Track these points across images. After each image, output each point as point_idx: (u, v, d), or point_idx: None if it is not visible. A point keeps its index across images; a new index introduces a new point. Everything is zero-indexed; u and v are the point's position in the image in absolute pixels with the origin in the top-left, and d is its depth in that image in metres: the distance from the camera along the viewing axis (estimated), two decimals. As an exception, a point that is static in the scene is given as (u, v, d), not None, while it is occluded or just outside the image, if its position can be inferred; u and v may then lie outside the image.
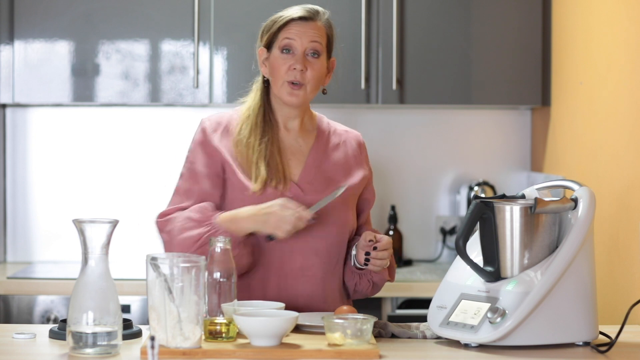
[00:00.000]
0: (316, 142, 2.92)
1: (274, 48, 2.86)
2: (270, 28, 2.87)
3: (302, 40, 2.83)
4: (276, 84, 2.86)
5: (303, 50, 2.83)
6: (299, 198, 2.82)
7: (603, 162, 3.52)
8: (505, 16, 4.26)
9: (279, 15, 2.87)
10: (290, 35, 2.84)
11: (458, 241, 2.55)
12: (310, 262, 2.84)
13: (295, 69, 2.82)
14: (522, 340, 2.50)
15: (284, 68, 2.83)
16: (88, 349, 2.38)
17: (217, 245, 2.64)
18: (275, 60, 2.85)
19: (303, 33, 2.83)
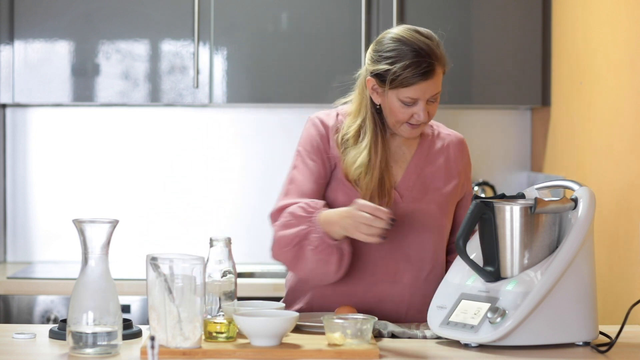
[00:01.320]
0: (419, 148, 2.90)
1: (391, 94, 2.76)
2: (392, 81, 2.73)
3: (424, 96, 2.76)
4: (393, 124, 2.80)
5: (425, 101, 2.77)
6: (397, 205, 2.81)
7: (603, 162, 3.52)
8: (505, 16, 4.26)
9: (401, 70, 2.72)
10: (413, 95, 2.74)
11: (458, 241, 2.56)
12: (401, 267, 2.83)
13: (419, 120, 2.77)
14: (522, 340, 2.50)
15: (404, 116, 2.77)
16: (88, 349, 2.38)
17: (217, 245, 2.64)
18: (394, 107, 2.77)
19: (425, 90, 2.75)
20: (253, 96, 4.26)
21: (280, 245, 2.75)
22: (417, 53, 2.73)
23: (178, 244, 4.45)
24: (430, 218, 2.85)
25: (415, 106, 2.77)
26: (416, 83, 2.74)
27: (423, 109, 2.77)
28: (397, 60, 2.74)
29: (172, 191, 4.52)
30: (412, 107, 2.77)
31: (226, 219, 4.50)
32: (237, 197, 4.51)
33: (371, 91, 2.81)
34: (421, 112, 2.77)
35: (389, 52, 2.76)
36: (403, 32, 2.78)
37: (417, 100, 2.76)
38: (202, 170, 4.53)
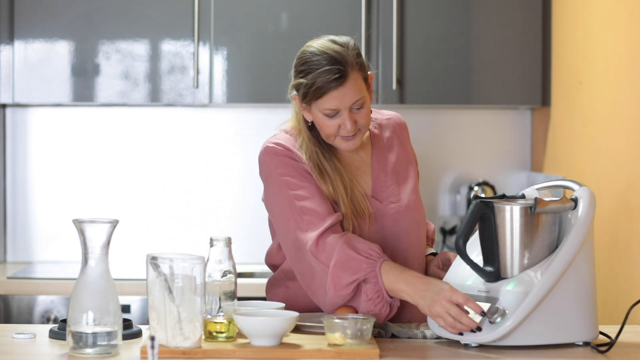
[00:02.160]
0: (374, 148, 2.87)
1: (313, 107, 2.71)
2: (306, 95, 2.68)
3: (344, 105, 2.68)
4: (326, 138, 2.74)
5: (348, 109, 2.69)
6: (381, 211, 2.79)
7: (603, 162, 3.52)
8: (505, 16, 4.26)
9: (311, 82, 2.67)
10: (331, 105, 2.67)
11: (458, 241, 2.55)
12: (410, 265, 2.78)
13: (347, 130, 2.69)
14: (522, 340, 2.50)
15: (331, 129, 2.70)
16: (88, 349, 2.38)
17: (217, 245, 2.64)
18: (320, 121, 2.71)
19: (343, 97, 2.67)
20: (253, 96, 4.26)
21: (337, 288, 2.63)
22: (327, 62, 2.67)
23: (178, 244, 4.45)
24: (412, 212, 2.84)
25: (339, 117, 2.69)
26: (329, 91, 2.66)
27: (348, 118, 2.68)
28: (308, 72, 2.68)
29: (172, 191, 4.52)
30: (335, 118, 2.69)
31: (226, 219, 4.50)
32: (237, 197, 4.51)
33: (301, 108, 2.75)
34: (347, 122, 2.68)
35: (302, 65, 2.70)
36: (318, 43, 2.72)
37: (337, 110, 2.68)
38: (202, 170, 4.53)
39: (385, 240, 2.78)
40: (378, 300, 2.63)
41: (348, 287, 2.63)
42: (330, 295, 2.65)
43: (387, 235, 2.79)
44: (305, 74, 2.69)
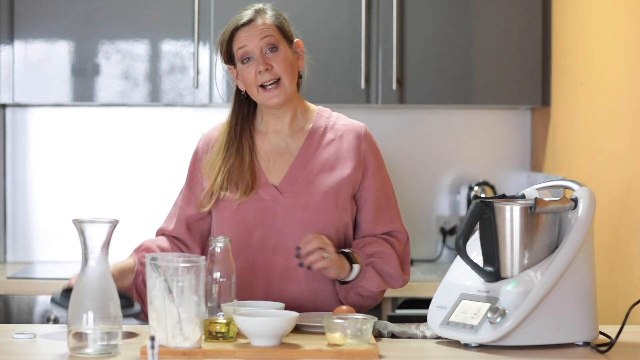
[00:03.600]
0: (307, 141, 2.88)
1: (237, 62, 2.87)
2: (222, 44, 2.88)
3: (253, 42, 2.82)
4: (254, 94, 2.85)
5: (259, 51, 2.82)
6: (276, 200, 2.81)
7: (603, 162, 3.52)
8: (505, 16, 4.26)
9: (225, 30, 2.88)
10: (240, 43, 2.84)
11: (458, 241, 2.55)
12: (292, 264, 2.80)
13: (260, 72, 2.81)
14: (522, 340, 2.50)
15: (251, 76, 2.82)
16: (88, 349, 2.38)
17: (217, 245, 2.64)
18: (242, 73, 2.85)
19: (251, 35, 2.82)
20: (253, 96, 4.25)
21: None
22: (240, 12, 2.89)
23: (178, 244, 4.44)
24: (312, 211, 2.81)
25: (254, 62, 2.82)
26: (238, 31, 2.84)
27: (259, 59, 2.80)
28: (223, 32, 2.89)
29: (172, 191, 4.51)
30: (251, 64, 2.82)
31: (226, 219, 4.50)
32: (237, 197, 4.51)
33: (236, 80, 2.91)
34: (259, 63, 2.80)
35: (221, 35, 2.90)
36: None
37: (249, 51, 2.82)
38: (202, 170, 4.52)
39: (272, 231, 2.81)
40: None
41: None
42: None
43: (276, 226, 2.81)
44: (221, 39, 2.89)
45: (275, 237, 2.81)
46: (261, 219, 2.82)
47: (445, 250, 4.54)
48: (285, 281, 2.82)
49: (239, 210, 2.82)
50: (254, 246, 2.82)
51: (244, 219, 2.82)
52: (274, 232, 2.82)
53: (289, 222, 2.81)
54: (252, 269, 2.82)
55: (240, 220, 2.82)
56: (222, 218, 2.84)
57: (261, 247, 2.82)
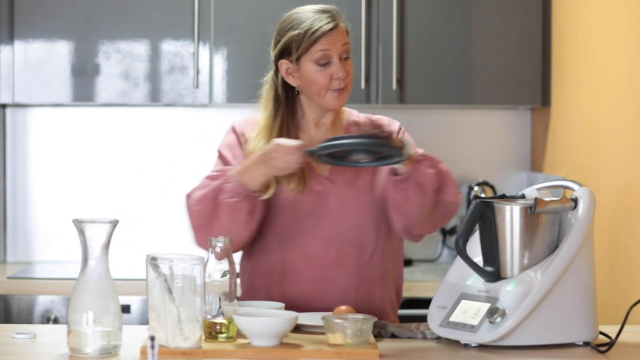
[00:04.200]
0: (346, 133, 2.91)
1: (306, 61, 2.81)
2: (300, 43, 2.80)
3: (335, 47, 2.81)
4: (317, 94, 2.82)
5: (339, 56, 2.81)
6: (329, 190, 2.84)
7: (603, 162, 3.52)
8: (505, 16, 4.26)
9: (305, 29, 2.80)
10: (324, 47, 2.80)
11: (458, 241, 2.55)
12: (344, 252, 2.84)
13: (338, 78, 2.80)
14: (522, 340, 2.50)
15: (324, 80, 2.80)
16: (88, 349, 2.38)
17: (217, 245, 2.64)
18: (312, 74, 2.81)
19: (335, 40, 2.81)
20: (253, 96, 4.24)
21: (197, 202, 2.78)
22: (315, 12, 2.83)
23: (178, 244, 4.45)
24: (366, 194, 2.85)
25: (331, 65, 2.80)
26: (324, 34, 2.80)
27: (339, 65, 2.80)
28: (299, 23, 2.82)
29: (172, 191, 4.52)
30: (328, 67, 2.80)
31: (226, 219, 4.50)
32: (237, 197, 4.51)
33: (287, 76, 2.86)
34: (339, 68, 2.80)
35: (290, 22, 2.84)
36: (296, 8, 2.87)
37: (330, 55, 2.80)
38: (202, 170, 4.52)
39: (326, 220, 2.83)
40: (236, 192, 2.74)
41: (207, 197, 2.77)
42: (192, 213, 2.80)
43: (331, 214, 2.83)
44: (295, 27, 2.82)
45: (328, 227, 2.83)
46: (314, 209, 2.84)
47: (445, 250, 4.54)
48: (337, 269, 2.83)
49: (292, 200, 2.83)
50: (306, 235, 2.83)
51: (297, 208, 2.84)
52: (328, 222, 2.84)
53: (345, 211, 2.83)
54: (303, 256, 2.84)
55: (293, 210, 2.84)
56: (274, 207, 2.85)
57: (313, 236, 2.83)
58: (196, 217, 2.79)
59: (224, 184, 2.77)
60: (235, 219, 2.75)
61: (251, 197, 2.76)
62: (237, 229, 2.76)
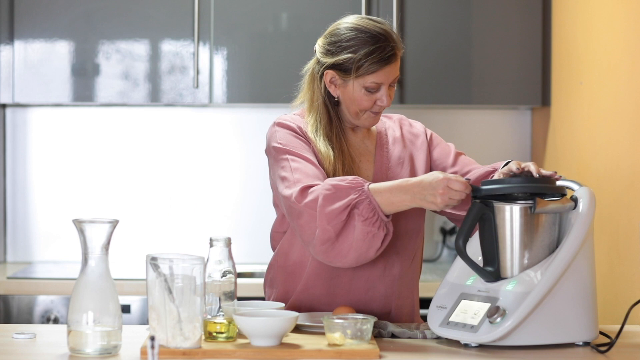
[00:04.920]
0: (379, 139, 2.90)
1: (354, 82, 2.77)
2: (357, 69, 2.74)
3: (388, 81, 2.78)
4: (355, 113, 2.80)
5: (388, 84, 2.79)
6: None
7: (603, 162, 3.52)
8: (506, 16, 4.26)
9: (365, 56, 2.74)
10: (378, 80, 2.75)
11: (458, 241, 2.55)
12: (391, 260, 2.82)
13: (382, 105, 2.78)
14: (522, 340, 2.50)
15: (368, 104, 2.78)
16: (88, 349, 2.38)
17: (217, 245, 2.64)
18: (357, 95, 2.77)
19: (389, 74, 2.77)
20: (253, 96, 4.26)
21: (329, 218, 2.61)
22: (377, 39, 2.75)
23: (178, 244, 4.45)
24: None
25: (379, 92, 2.78)
26: (381, 68, 2.75)
27: (386, 93, 2.78)
28: (358, 48, 2.75)
29: (172, 191, 4.53)
30: (375, 93, 2.78)
31: (226, 218, 4.50)
32: (237, 197, 4.51)
33: (329, 84, 2.80)
34: (384, 97, 2.78)
35: (349, 41, 2.76)
36: (357, 20, 2.79)
37: (380, 85, 2.77)
38: (202, 170, 4.53)
39: None
40: (374, 219, 2.62)
41: (340, 215, 2.62)
42: (321, 230, 2.63)
43: None
44: (354, 50, 2.75)
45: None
46: None
47: (445, 250, 4.54)
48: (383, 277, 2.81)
49: None
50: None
51: None
52: None
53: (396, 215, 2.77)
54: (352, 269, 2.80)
55: None
56: None
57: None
58: (328, 232, 2.63)
59: (359, 202, 2.63)
60: (371, 244, 2.64)
61: (385, 222, 2.65)
62: (370, 252, 2.66)
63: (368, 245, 2.63)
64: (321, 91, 2.82)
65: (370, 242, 2.63)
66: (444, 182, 2.58)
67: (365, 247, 2.63)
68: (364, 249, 2.63)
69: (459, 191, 2.58)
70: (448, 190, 2.57)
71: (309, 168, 2.72)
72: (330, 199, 2.63)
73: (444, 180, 2.58)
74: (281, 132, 2.80)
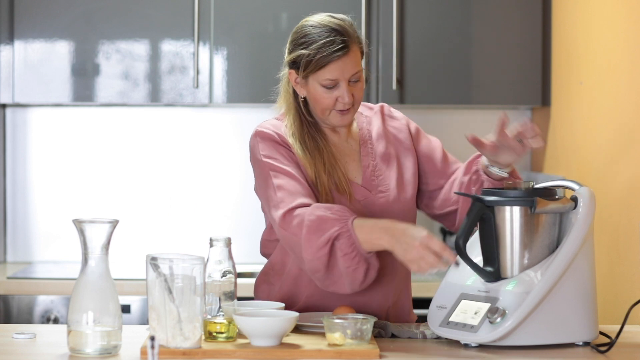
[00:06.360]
0: (361, 137, 2.87)
1: (311, 80, 2.74)
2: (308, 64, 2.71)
3: (344, 76, 2.72)
4: (321, 112, 2.77)
5: (347, 81, 2.73)
6: (370, 199, 2.79)
7: (603, 162, 3.52)
8: (505, 16, 4.26)
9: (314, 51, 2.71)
10: (332, 75, 2.71)
11: (458, 241, 2.55)
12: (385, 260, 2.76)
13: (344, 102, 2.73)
14: (522, 340, 2.50)
15: (329, 101, 2.74)
16: (88, 349, 2.38)
17: (217, 244, 2.64)
18: (317, 93, 2.74)
19: (344, 68, 2.71)
20: (253, 96, 4.26)
21: (314, 251, 2.62)
22: (329, 33, 2.72)
23: (178, 244, 4.45)
24: (404, 202, 2.84)
25: (338, 89, 2.73)
26: (332, 61, 2.71)
27: (346, 90, 2.73)
28: (310, 43, 2.73)
29: (172, 191, 4.52)
30: (334, 90, 2.73)
31: (226, 218, 4.50)
32: (237, 197, 4.51)
33: (294, 84, 2.78)
34: (345, 93, 2.73)
35: (303, 37, 2.75)
36: (317, 17, 2.78)
37: (337, 81, 2.72)
38: (202, 170, 4.53)
39: None
40: (353, 255, 2.61)
41: (323, 248, 2.61)
42: (308, 261, 2.63)
43: None
44: (306, 46, 2.73)
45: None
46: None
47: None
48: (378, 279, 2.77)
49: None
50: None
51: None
52: None
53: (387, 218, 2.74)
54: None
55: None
56: None
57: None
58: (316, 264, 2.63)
59: (340, 235, 2.61)
60: (354, 278, 2.63)
61: (367, 257, 2.63)
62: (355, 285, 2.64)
63: (352, 279, 2.64)
64: (291, 92, 2.81)
65: (352, 275, 2.63)
66: (425, 240, 2.54)
67: (349, 281, 2.64)
68: (349, 282, 2.64)
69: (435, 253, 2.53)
70: (425, 248, 2.53)
71: (291, 185, 2.71)
72: (313, 231, 2.63)
73: (427, 238, 2.54)
74: (262, 144, 2.78)
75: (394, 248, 2.57)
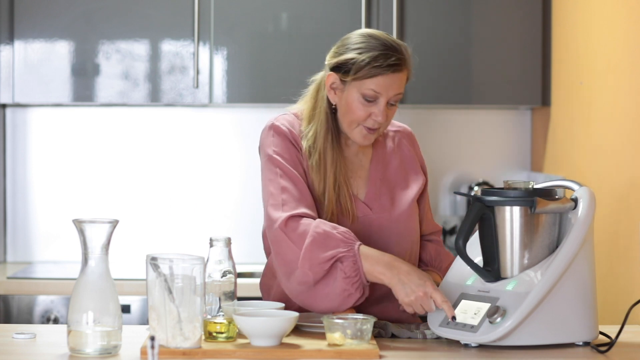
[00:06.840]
0: (374, 154, 2.84)
1: (352, 87, 2.69)
2: (358, 70, 2.67)
3: (387, 93, 2.68)
4: (348, 124, 2.73)
5: (386, 101, 2.70)
6: (368, 217, 2.78)
7: (603, 162, 3.52)
8: (505, 16, 4.26)
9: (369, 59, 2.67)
10: (377, 88, 2.67)
11: (458, 241, 2.55)
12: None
13: (376, 121, 2.70)
14: (522, 340, 2.50)
15: (362, 114, 2.69)
16: (88, 349, 2.38)
17: (217, 244, 2.64)
18: (353, 103, 2.70)
19: (390, 86, 2.68)
20: (253, 96, 4.26)
21: (312, 264, 2.61)
22: (387, 47, 2.70)
23: (178, 244, 4.45)
24: (404, 223, 2.81)
25: (376, 105, 2.69)
26: (383, 74, 2.67)
27: (383, 109, 2.69)
28: (365, 50, 2.69)
29: (172, 191, 4.52)
30: (372, 104, 2.69)
31: (226, 218, 4.50)
32: (237, 197, 4.51)
33: (329, 89, 2.74)
34: (381, 112, 2.69)
35: (358, 43, 2.71)
36: (372, 31, 2.75)
37: (378, 96, 2.68)
38: (202, 170, 4.53)
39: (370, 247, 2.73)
40: (355, 279, 2.61)
41: (324, 264, 2.61)
42: (301, 271, 2.62)
43: (373, 242, 2.75)
44: (361, 51, 2.69)
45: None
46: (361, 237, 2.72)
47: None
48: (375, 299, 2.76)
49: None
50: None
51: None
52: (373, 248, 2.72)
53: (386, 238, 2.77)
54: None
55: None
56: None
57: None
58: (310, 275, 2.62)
59: (345, 257, 2.61)
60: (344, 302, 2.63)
61: (364, 286, 2.62)
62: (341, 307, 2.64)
63: (341, 302, 2.63)
64: (325, 98, 2.76)
65: (344, 299, 2.63)
66: (430, 291, 2.55)
67: (338, 303, 2.64)
68: (337, 303, 2.64)
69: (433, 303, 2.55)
70: (426, 297, 2.55)
71: (296, 190, 2.70)
72: (318, 244, 2.62)
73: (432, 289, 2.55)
74: (276, 139, 2.77)
75: (395, 287, 2.58)
